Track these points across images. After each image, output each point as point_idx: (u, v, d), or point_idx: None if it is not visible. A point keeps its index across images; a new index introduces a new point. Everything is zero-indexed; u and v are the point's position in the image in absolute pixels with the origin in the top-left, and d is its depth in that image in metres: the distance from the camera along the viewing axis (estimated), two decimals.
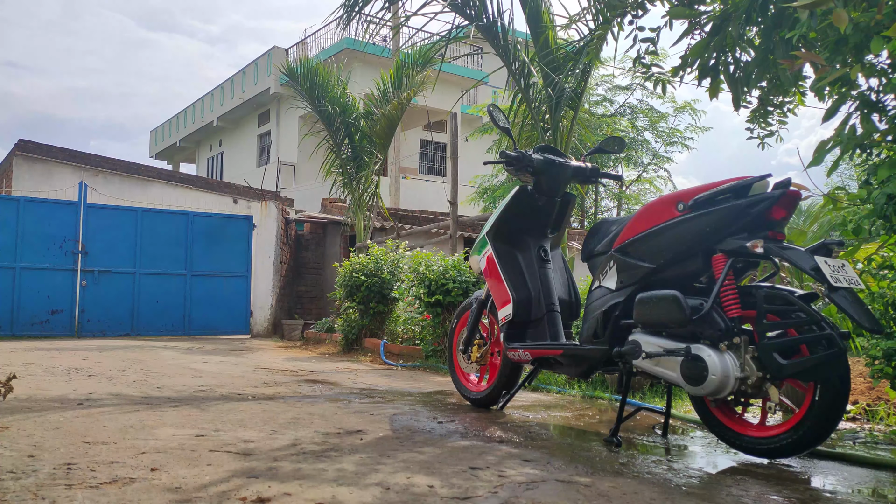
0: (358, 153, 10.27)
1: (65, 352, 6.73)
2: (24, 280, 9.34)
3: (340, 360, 6.42)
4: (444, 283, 5.62)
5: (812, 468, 2.39)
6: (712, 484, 2.12)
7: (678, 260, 2.53)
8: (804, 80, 2.95)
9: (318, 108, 10.43)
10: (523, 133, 6.44)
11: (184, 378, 4.66)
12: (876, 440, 2.87)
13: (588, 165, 3.39)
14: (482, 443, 2.61)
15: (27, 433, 2.53)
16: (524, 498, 1.84)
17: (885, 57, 2.40)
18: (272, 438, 2.57)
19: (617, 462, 2.35)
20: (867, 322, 2.11)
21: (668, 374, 2.49)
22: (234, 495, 1.79)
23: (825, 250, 2.26)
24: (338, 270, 7.47)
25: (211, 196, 11.42)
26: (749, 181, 2.38)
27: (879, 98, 2.41)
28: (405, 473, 2.07)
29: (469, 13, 6.30)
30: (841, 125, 2.39)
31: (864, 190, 2.50)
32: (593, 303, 2.85)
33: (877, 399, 3.46)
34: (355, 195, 10.13)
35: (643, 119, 17.71)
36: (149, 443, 2.42)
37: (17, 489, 1.79)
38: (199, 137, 26.25)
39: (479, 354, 3.49)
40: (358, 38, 7.32)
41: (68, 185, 10.05)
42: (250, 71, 21.43)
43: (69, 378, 4.46)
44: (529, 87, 6.23)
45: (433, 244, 9.85)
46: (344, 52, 17.76)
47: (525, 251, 3.31)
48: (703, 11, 2.86)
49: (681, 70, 2.95)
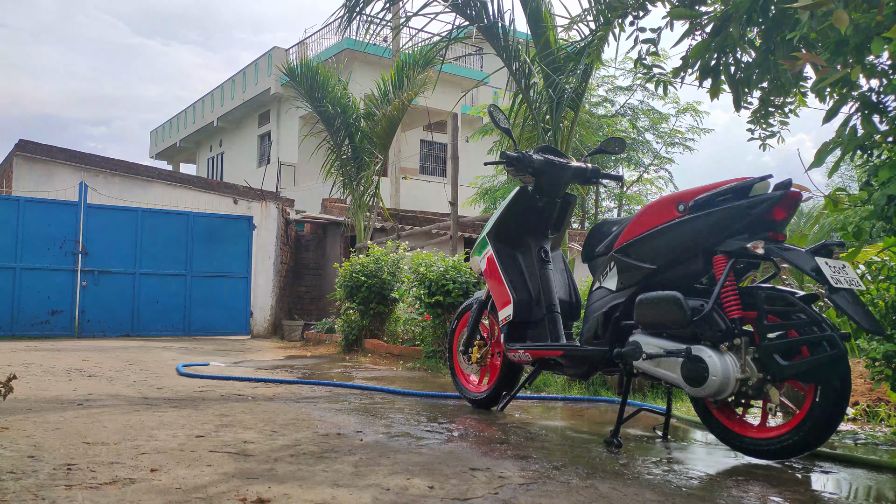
0: (358, 153, 10.27)
1: (65, 352, 6.72)
2: (24, 280, 9.35)
3: (341, 361, 6.42)
4: (444, 284, 5.62)
5: (813, 469, 2.38)
6: (713, 485, 2.12)
7: (679, 261, 2.53)
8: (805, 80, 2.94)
9: (319, 108, 10.43)
10: (524, 134, 6.44)
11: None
12: (876, 441, 2.87)
13: (589, 166, 3.39)
14: (482, 444, 2.61)
15: (27, 433, 2.53)
16: (524, 499, 1.84)
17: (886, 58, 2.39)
18: (272, 439, 2.57)
19: (617, 463, 2.34)
20: (867, 323, 2.11)
21: (668, 375, 2.49)
22: (233, 496, 1.78)
23: (826, 251, 2.26)
24: (338, 271, 7.47)
25: (211, 196, 11.42)
26: (750, 182, 2.38)
27: (880, 99, 2.40)
28: (404, 474, 2.07)
29: (470, 14, 6.30)
30: (842, 126, 2.38)
31: (864, 191, 2.50)
32: (594, 304, 2.85)
33: (877, 400, 3.46)
34: (356, 196, 10.13)
35: (644, 120, 17.71)
36: (149, 443, 2.42)
37: (17, 489, 1.79)
38: (199, 138, 26.26)
39: (479, 355, 3.49)
40: (359, 39, 7.31)
41: (68, 186, 10.05)
42: (250, 71, 21.44)
43: (69, 378, 4.46)
44: (530, 88, 6.23)
45: (433, 245, 9.85)
46: (344, 53, 17.76)
47: (525, 252, 3.30)
48: (703, 12, 2.86)
49: (682, 71, 2.94)
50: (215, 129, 24.34)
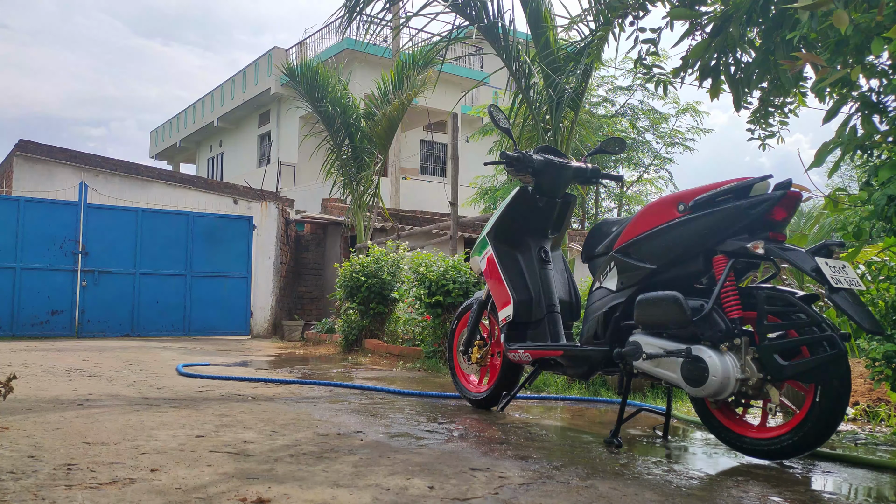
0: (358, 153, 10.27)
1: (65, 352, 6.73)
2: (24, 280, 9.35)
3: (341, 361, 6.42)
4: (444, 284, 5.62)
5: (813, 470, 2.38)
6: (713, 485, 2.12)
7: (679, 261, 2.53)
8: (805, 81, 2.95)
9: (319, 108, 10.43)
10: (524, 134, 6.44)
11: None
12: (876, 442, 2.87)
13: (589, 166, 3.39)
14: (482, 444, 2.61)
15: (27, 433, 2.53)
16: (524, 499, 1.84)
17: (886, 58, 2.39)
18: (272, 439, 2.57)
19: (617, 463, 2.34)
20: (867, 324, 2.11)
21: (668, 375, 2.49)
22: (233, 496, 1.78)
23: (826, 251, 2.26)
24: (338, 271, 7.47)
25: (211, 196, 11.43)
26: (750, 182, 2.38)
27: (880, 99, 2.40)
28: (404, 474, 2.07)
29: (470, 14, 6.30)
30: (841, 126, 2.38)
31: (864, 191, 2.50)
32: (594, 304, 2.85)
33: (877, 401, 3.46)
34: (356, 196, 10.13)
35: (644, 120, 17.72)
36: (149, 443, 2.42)
37: (18, 489, 1.79)
38: (199, 138, 26.26)
39: (479, 355, 3.49)
40: (359, 39, 7.31)
41: (68, 186, 10.06)
42: (251, 71, 21.43)
43: (69, 378, 4.46)
44: (530, 88, 6.23)
45: (433, 245, 9.86)
46: (345, 53, 17.76)
47: (525, 252, 3.30)
48: (703, 12, 2.86)
49: (682, 71, 2.95)
50: (215, 129, 24.34)
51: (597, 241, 2.97)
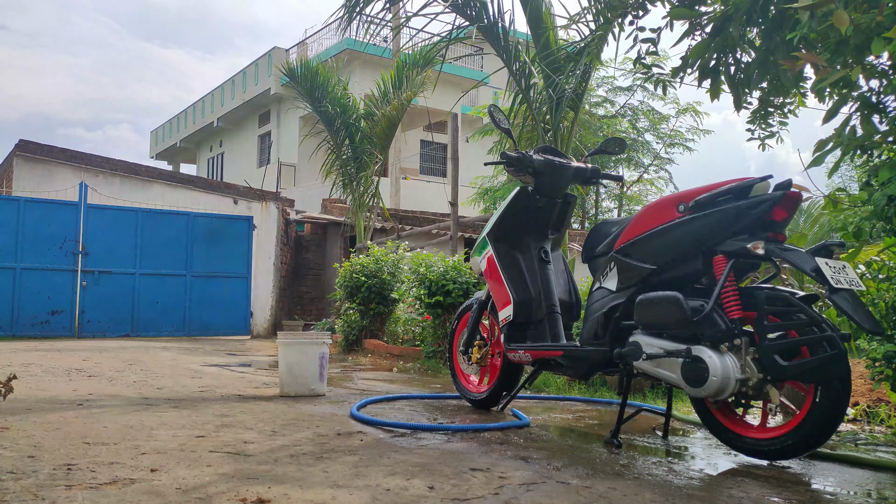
0: (358, 154, 10.27)
1: (65, 352, 6.73)
2: (24, 280, 9.35)
3: (340, 361, 6.42)
4: (444, 285, 5.62)
5: (813, 470, 2.38)
6: (713, 486, 2.12)
7: (679, 261, 2.52)
8: (805, 81, 2.94)
9: (319, 108, 10.43)
10: (524, 134, 6.44)
11: (184, 379, 4.66)
12: (876, 442, 2.87)
13: (589, 166, 3.39)
14: (482, 444, 2.61)
15: (27, 433, 2.53)
16: (524, 499, 1.84)
17: (886, 58, 2.39)
18: (272, 439, 2.57)
19: (617, 463, 2.34)
20: (868, 324, 2.11)
21: (668, 375, 2.48)
22: (233, 496, 1.78)
23: (826, 252, 2.26)
24: (338, 271, 7.47)
25: (211, 197, 11.43)
26: (750, 182, 2.38)
27: (880, 99, 2.40)
28: (404, 475, 2.07)
29: (470, 14, 6.30)
30: (841, 126, 2.38)
31: (864, 191, 2.50)
32: (594, 304, 2.85)
33: (877, 401, 3.46)
34: (356, 196, 10.13)
35: (644, 120, 17.72)
36: (148, 443, 2.42)
37: (18, 489, 1.79)
38: (199, 138, 26.26)
39: (479, 356, 3.49)
40: (359, 39, 7.31)
41: (69, 186, 10.06)
42: (251, 71, 21.44)
43: (69, 378, 4.46)
44: (530, 88, 6.23)
45: (433, 245, 9.85)
46: (344, 53, 17.75)
47: (526, 252, 3.30)
48: (703, 12, 2.86)
49: (681, 71, 2.94)
50: (215, 129, 24.35)
51: (597, 241, 2.96)
